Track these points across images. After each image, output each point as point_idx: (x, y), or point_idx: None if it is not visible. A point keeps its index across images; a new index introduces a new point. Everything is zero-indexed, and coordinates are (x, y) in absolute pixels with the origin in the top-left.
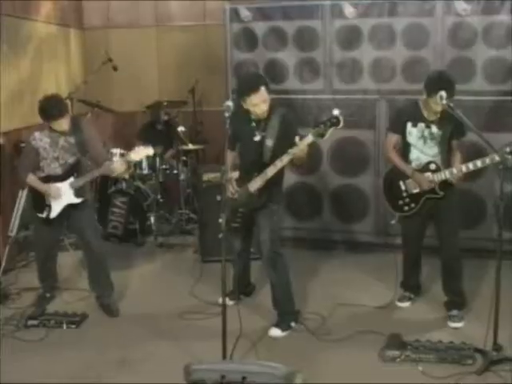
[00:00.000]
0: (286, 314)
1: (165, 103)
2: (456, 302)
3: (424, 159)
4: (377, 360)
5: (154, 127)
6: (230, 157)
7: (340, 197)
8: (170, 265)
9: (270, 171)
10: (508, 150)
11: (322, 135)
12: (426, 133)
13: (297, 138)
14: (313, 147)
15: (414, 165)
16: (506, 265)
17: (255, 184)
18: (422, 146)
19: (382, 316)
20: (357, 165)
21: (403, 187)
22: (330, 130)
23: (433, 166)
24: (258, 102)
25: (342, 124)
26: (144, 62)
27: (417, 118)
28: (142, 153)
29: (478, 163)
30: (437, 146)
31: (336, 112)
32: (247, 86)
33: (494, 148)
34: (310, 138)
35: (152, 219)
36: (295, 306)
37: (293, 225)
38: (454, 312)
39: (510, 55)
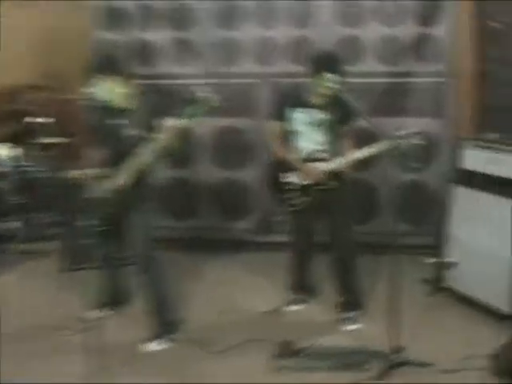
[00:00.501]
0: (164, 324)
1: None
2: (351, 302)
3: (312, 148)
4: (268, 370)
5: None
6: (96, 153)
7: (221, 192)
8: (31, 274)
9: (135, 164)
10: (401, 134)
11: (191, 116)
12: (313, 119)
13: (163, 123)
14: (185, 134)
15: (302, 153)
16: (403, 260)
17: (121, 179)
18: (309, 133)
19: (272, 322)
20: (238, 156)
21: (291, 179)
22: (201, 111)
23: (322, 155)
24: (115, 90)
25: (215, 103)
26: None
27: (302, 102)
28: None
29: (370, 150)
30: (325, 133)
31: (206, 92)
32: (101, 70)
33: (385, 134)
34: (176, 122)
35: (14, 223)
36: (175, 314)
37: (169, 224)
38: (350, 313)
39: (403, 34)
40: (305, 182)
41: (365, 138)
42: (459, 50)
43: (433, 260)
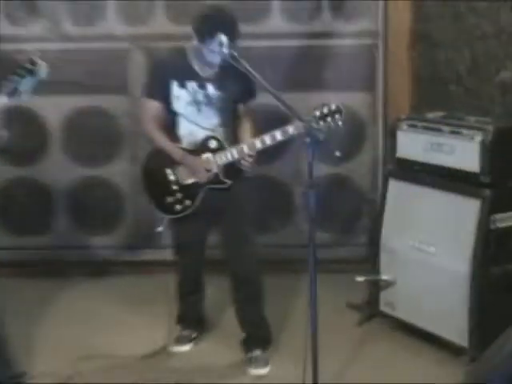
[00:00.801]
0: None
1: None
2: (257, 337)
3: (200, 134)
4: None
5: None
6: None
7: (80, 196)
8: None
9: None
10: (317, 114)
11: (15, 92)
12: (200, 96)
13: None
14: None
15: (185, 143)
16: (325, 279)
17: None
18: (196, 115)
19: (154, 367)
20: (103, 147)
21: (172, 177)
22: (27, 84)
23: (213, 144)
24: None
25: (43, 73)
26: None
27: (186, 74)
28: None
29: (278, 135)
30: (217, 114)
31: (34, 58)
32: None
33: (297, 113)
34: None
35: None
36: (15, 366)
37: (9, 243)
38: (257, 352)
39: None
40: (191, 181)
41: (270, 120)
42: (393, 2)
43: (363, 278)
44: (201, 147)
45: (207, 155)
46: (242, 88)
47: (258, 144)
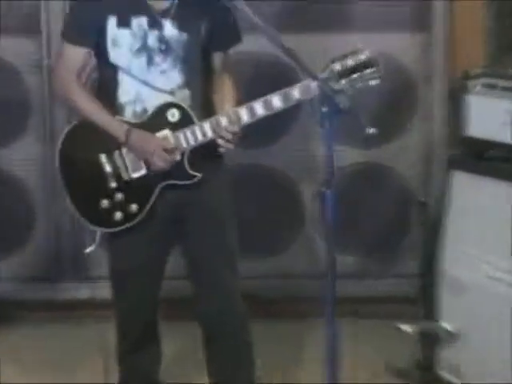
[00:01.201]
0: None
1: None
2: None
3: (152, 100)
4: None
5: None
6: None
7: None
8: None
9: None
10: (338, 68)
11: None
12: (153, 39)
13: None
14: None
15: (129, 114)
16: (349, 328)
17: None
18: (146, 69)
19: None
20: None
21: (109, 168)
22: None
23: (174, 115)
24: None
25: None
26: None
27: (130, 6)
28: None
29: (276, 102)
30: (179, 67)
31: None
32: None
33: (307, 67)
34: None
35: None
36: None
37: None
38: None
39: None
40: (140, 173)
41: (263, 79)
42: None
43: (410, 327)
44: (154, 120)
45: (165, 133)
46: (218, 26)
47: (245, 114)
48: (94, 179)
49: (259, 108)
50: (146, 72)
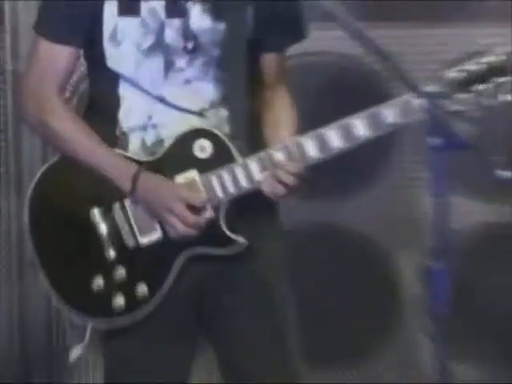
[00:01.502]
0: None
1: None
2: None
3: (172, 124)
4: None
5: None
6: None
7: None
8: None
9: None
10: (455, 75)
11: None
12: (172, 32)
13: None
14: None
15: (135, 145)
16: None
17: None
18: (161, 78)
19: None
20: None
21: (104, 228)
22: None
23: (205, 149)
24: None
25: None
26: None
27: None
28: None
29: (360, 128)
30: (212, 74)
31: None
32: None
33: (407, 76)
34: None
35: None
36: None
37: None
38: None
39: None
40: (153, 237)
41: (340, 93)
42: None
43: None
44: (175, 157)
45: (190, 176)
46: (271, 14)
47: (311, 147)
48: (82, 246)
49: (333, 138)
50: (163, 82)
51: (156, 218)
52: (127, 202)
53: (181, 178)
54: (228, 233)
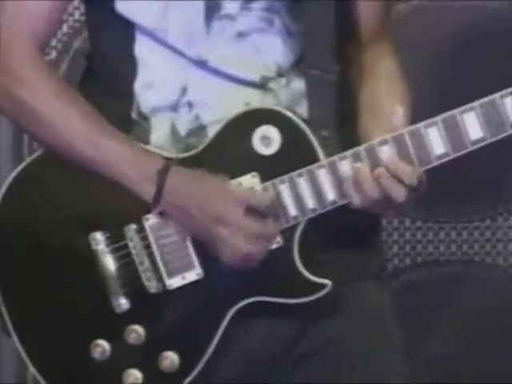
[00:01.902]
0: None
1: None
2: None
3: (219, 100)
4: None
5: None
6: None
7: None
8: None
9: None
10: None
11: None
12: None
13: None
14: None
15: (162, 131)
16: None
17: None
18: (201, 29)
19: None
20: None
21: (112, 263)
22: None
23: (271, 139)
24: None
25: None
26: None
27: None
28: None
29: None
30: (282, 26)
31: None
32: None
33: None
34: None
35: None
36: None
37: None
38: None
39: None
40: (189, 276)
41: (475, 59)
42: None
43: None
44: (223, 151)
45: (248, 180)
46: None
47: (436, 140)
48: (74, 291)
49: (473, 124)
50: (203, 37)
51: (194, 242)
52: (148, 221)
53: (236, 184)
54: (305, 272)
